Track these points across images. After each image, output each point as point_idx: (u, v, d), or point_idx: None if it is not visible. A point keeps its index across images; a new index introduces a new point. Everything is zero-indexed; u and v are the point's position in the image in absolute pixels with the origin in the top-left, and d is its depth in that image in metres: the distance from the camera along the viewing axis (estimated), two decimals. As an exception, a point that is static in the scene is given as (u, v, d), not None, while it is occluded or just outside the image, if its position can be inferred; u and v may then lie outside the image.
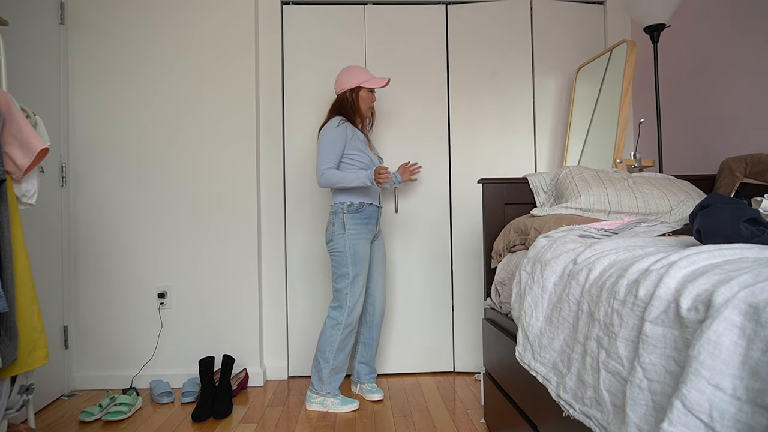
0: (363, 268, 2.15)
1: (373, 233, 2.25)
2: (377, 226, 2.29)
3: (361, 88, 2.23)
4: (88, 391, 2.50)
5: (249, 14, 2.60)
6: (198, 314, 2.57)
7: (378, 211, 2.27)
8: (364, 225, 2.17)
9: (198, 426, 2.05)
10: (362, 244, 2.15)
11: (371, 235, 2.22)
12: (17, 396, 1.59)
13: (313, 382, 2.20)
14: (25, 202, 1.65)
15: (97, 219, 2.55)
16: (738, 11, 1.97)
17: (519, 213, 1.96)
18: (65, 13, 2.52)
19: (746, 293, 0.62)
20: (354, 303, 2.14)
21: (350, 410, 2.17)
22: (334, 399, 2.18)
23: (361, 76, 2.23)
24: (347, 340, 2.18)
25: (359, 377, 2.38)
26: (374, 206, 2.23)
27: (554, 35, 2.75)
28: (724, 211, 0.89)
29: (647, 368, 0.73)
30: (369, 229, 2.20)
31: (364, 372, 2.37)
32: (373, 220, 2.22)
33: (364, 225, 2.17)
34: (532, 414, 1.35)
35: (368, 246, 2.19)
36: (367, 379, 2.37)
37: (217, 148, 2.58)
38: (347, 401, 2.19)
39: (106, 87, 2.56)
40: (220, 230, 2.58)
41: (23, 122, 1.57)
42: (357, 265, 2.13)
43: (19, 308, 1.53)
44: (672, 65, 2.39)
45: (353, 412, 2.16)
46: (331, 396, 2.18)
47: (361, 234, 2.15)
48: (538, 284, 1.23)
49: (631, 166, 2.13)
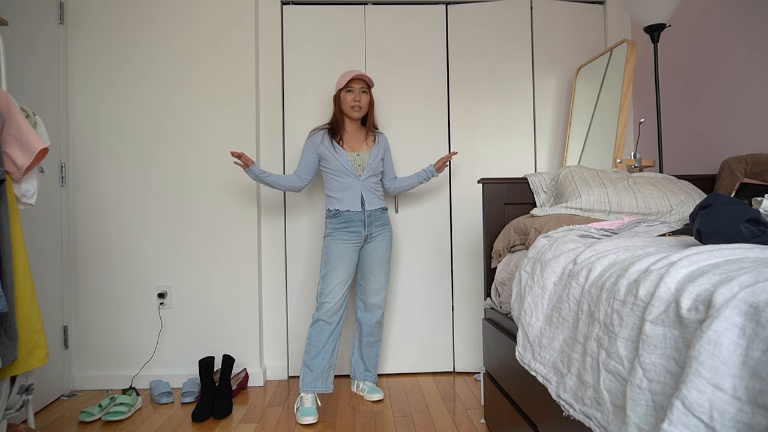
0: (333, 268, 2.21)
1: (359, 236, 2.28)
2: (365, 229, 2.29)
3: (340, 91, 2.31)
4: (87, 391, 2.50)
5: (249, 14, 2.60)
6: (198, 314, 2.57)
7: (360, 215, 2.27)
8: (342, 229, 2.26)
9: (198, 426, 2.04)
10: (335, 245, 2.24)
11: (354, 237, 2.27)
12: (17, 396, 1.59)
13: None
14: (24, 202, 1.65)
15: (97, 219, 2.55)
16: (738, 11, 1.97)
17: (519, 213, 1.96)
18: (65, 13, 2.52)
19: (746, 293, 0.62)
20: (323, 299, 2.19)
21: (302, 422, 2.04)
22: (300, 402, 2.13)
23: (340, 80, 2.31)
24: (320, 335, 2.17)
25: (354, 373, 2.40)
26: (351, 212, 2.27)
27: (554, 35, 2.75)
28: (725, 211, 0.89)
29: (647, 368, 0.73)
30: (349, 232, 2.27)
31: (358, 368, 2.39)
32: (354, 224, 2.27)
33: (342, 229, 2.26)
34: (532, 414, 1.35)
35: (345, 247, 2.24)
36: (362, 376, 2.37)
37: (217, 147, 2.58)
38: (306, 412, 2.06)
39: (106, 87, 2.56)
40: (220, 230, 2.58)
41: (23, 122, 1.57)
42: (327, 264, 2.23)
43: (19, 308, 1.53)
44: (672, 65, 2.39)
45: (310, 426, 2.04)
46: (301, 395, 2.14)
47: (336, 236, 2.26)
48: (538, 284, 1.23)
49: (631, 166, 2.13)
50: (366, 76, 2.29)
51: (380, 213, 2.33)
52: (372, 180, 2.33)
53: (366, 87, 2.31)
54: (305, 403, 2.11)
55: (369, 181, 2.31)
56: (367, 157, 2.31)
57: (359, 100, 2.27)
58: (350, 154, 2.29)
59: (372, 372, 2.39)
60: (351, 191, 2.27)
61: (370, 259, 2.32)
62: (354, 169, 2.28)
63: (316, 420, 2.06)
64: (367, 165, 2.30)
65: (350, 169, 2.27)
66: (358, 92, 2.28)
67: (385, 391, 2.43)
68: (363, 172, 2.29)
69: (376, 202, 2.33)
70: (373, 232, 2.32)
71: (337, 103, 2.33)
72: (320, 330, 2.18)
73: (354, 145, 2.33)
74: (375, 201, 2.32)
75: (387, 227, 2.36)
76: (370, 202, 2.30)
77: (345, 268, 2.23)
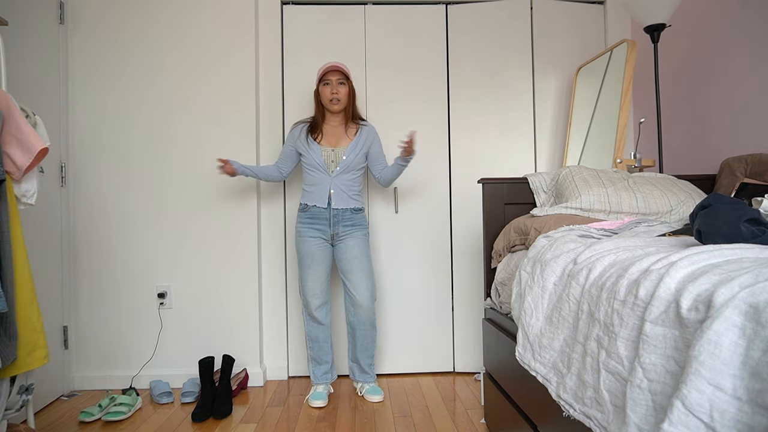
0: (307, 265, 2.28)
1: (324, 233, 2.28)
2: (330, 228, 2.27)
3: (318, 85, 2.32)
4: (87, 391, 2.50)
5: (249, 14, 2.60)
6: (198, 314, 2.57)
7: (325, 212, 2.26)
8: (309, 225, 2.29)
9: (198, 426, 2.04)
10: (302, 243, 2.30)
11: (319, 234, 2.28)
12: (17, 396, 1.59)
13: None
14: (24, 202, 1.65)
15: (97, 219, 2.55)
16: (738, 11, 1.97)
17: (519, 213, 1.96)
18: (65, 13, 2.52)
19: (746, 293, 0.62)
20: (306, 298, 2.30)
21: (313, 405, 2.23)
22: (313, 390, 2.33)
23: (318, 75, 2.32)
24: (315, 332, 2.34)
25: (353, 375, 2.40)
26: (318, 207, 2.26)
27: (554, 35, 2.75)
28: (725, 211, 0.89)
29: (647, 368, 0.73)
30: (314, 228, 2.28)
31: (356, 370, 2.38)
32: (319, 221, 2.27)
33: (308, 225, 2.29)
34: (532, 414, 1.35)
35: (313, 244, 2.28)
36: (360, 378, 2.37)
37: (217, 147, 2.58)
38: (317, 396, 2.26)
39: (106, 87, 2.56)
40: (220, 230, 2.58)
41: (23, 122, 1.57)
42: (300, 264, 2.31)
43: (19, 308, 1.53)
44: (672, 65, 2.39)
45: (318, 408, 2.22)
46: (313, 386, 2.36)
47: (303, 234, 2.30)
48: (538, 284, 1.23)
49: (631, 166, 2.13)
50: (342, 66, 2.25)
51: (350, 213, 2.28)
52: (347, 177, 2.27)
53: (344, 78, 2.27)
54: (318, 389, 2.32)
55: (342, 177, 2.26)
56: (342, 153, 2.27)
57: (337, 92, 2.24)
58: (325, 149, 2.27)
59: (369, 373, 2.37)
60: (320, 187, 2.27)
61: (346, 259, 2.29)
62: (326, 165, 2.26)
63: (326, 404, 2.25)
64: (341, 161, 2.26)
65: (321, 165, 2.25)
66: (335, 84, 2.25)
67: (385, 391, 2.43)
68: (336, 168, 2.26)
69: (346, 202, 2.27)
70: (340, 232, 2.28)
71: (317, 99, 2.31)
72: (314, 327, 2.34)
73: (333, 139, 2.31)
74: (345, 200, 2.27)
75: (359, 228, 2.30)
76: (337, 200, 2.25)
77: (319, 265, 2.29)
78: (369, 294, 2.28)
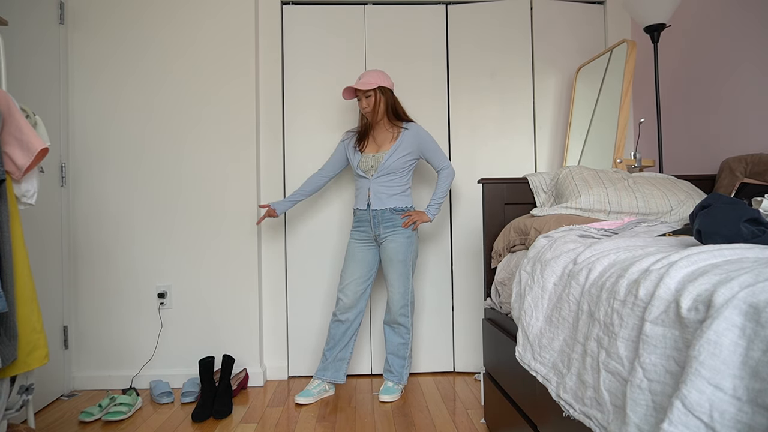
0: (346, 265, 2.38)
1: (368, 235, 2.37)
2: (373, 229, 2.34)
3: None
4: (87, 391, 2.50)
5: (249, 14, 2.60)
6: (198, 314, 2.57)
7: (366, 214, 2.34)
8: (356, 227, 2.41)
9: (198, 426, 2.05)
10: (350, 244, 2.41)
11: (364, 236, 2.38)
12: (17, 396, 1.59)
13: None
14: (24, 202, 1.65)
15: (97, 219, 2.55)
16: (738, 11, 1.97)
17: (519, 213, 1.96)
18: (65, 13, 2.52)
19: (746, 293, 0.62)
20: (338, 294, 2.37)
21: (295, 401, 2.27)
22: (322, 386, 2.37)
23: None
24: (335, 330, 2.36)
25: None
26: (361, 210, 2.37)
27: (554, 35, 2.75)
28: (725, 211, 0.89)
29: (647, 368, 0.73)
30: (360, 231, 2.39)
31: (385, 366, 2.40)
32: (363, 224, 2.36)
33: (355, 227, 2.41)
34: (532, 414, 1.35)
35: (357, 246, 2.38)
36: (384, 374, 2.40)
37: (217, 147, 2.58)
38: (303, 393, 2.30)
39: (106, 87, 2.56)
40: (220, 230, 2.58)
41: (23, 122, 1.57)
42: (344, 262, 2.41)
43: (19, 308, 1.53)
44: (672, 65, 2.39)
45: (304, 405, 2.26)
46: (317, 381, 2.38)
47: (352, 235, 2.42)
48: (538, 284, 1.23)
49: (631, 166, 2.13)
50: (357, 85, 2.29)
51: (389, 213, 2.31)
52: (386, 179, 2.32)
53: (368, 91, 2.31)
54: (308, 386, 2.34)
55: (381, 179, 2.32)
56: (382, 157, 2.33)
57: (366, 106, 2.33)
58: (366, 156, 2.36)
59: (393, 372, 2.36)
60: (361, 190, 2.38)
61: (383, 261, 2.36)
62: (366, 170, 2.34)
63: (309, 402, 2.28)
64: (380, 165, 2.31)
65: (362, 171, 2.35)
66: (363, 99, 2.34)
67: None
68: (375, 172, 2.32)
69: (385, 202, 2.31)
70: (382, 233, 2.32)
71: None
72: (336, 326, 2.36)
73: (377, 145, 2.39)
74: (383, 200, 2.31)
75: (400, 231, 2.32)
76: (376, 201, 2.32)
77: (356, 266, 2.35)
78: (399, 297, 2.32)
